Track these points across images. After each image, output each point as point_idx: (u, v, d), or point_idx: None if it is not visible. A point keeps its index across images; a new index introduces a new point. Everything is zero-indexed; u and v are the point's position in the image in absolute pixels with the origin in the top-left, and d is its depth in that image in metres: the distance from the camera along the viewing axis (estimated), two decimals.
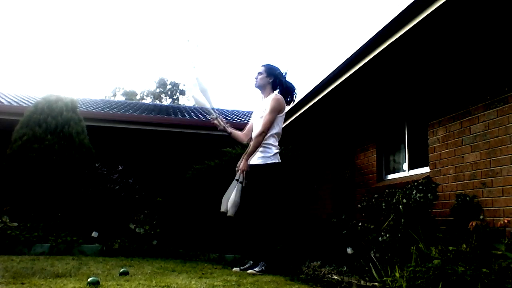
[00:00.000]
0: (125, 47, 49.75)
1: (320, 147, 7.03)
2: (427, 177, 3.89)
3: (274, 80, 3.79)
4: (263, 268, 3.39)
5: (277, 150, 3.66)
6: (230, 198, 3.46)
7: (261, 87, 3.82)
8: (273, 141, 3.66)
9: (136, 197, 5.89)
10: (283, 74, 3.84)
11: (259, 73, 3.81)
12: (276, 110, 3.63)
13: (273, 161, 3.60)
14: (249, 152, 3.59)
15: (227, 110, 11.66)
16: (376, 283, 2.57)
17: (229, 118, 8.89)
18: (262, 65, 3.84)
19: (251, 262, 3.56)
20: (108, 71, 51.18)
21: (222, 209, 3.48)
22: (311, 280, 2.97)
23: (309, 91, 5.24)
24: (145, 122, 7.68)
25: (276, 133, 3.67)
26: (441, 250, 2.65)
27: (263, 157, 3.64)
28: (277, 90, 3.80)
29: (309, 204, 6.39)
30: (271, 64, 3.85)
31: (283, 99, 3.72)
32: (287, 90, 3.81)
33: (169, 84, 32.58)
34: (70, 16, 48.72)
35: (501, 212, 3.18)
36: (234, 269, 3.56)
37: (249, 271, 3.36)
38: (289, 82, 3.85)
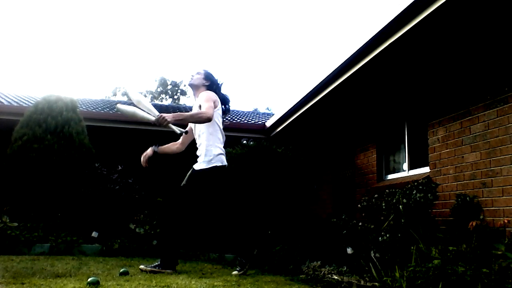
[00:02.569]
0: (125, 47, 49.78)
1: (320, 147, 7.03)
2: (427, 177, 3.89)
3: (210, 85, 3.71)
4: (244, 267, 3.29)
5: (221, 151, 3.50)
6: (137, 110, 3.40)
7: (194, 86, 3.71)
8: (215, 141, 3.51)
9: (136, 197, 5.89)
10: (219, 84, 3.78)
11: (198, 73, 3.74)
12: (210, 99, 3.46)
13: (215, 164, 3.44)
14: (183, 114, 3.43)
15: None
16: (376, 283, 2.57)
17: (229, 118, 8.88)
18: (203, 69, 3.80)
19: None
20: (108, 71, 51.20)
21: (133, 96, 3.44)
22: (311, 280, 2.97)
23: (309, 91, 5.24)
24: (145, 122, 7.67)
25: (215, 131, 3.53)
26: (441, 250, 2.65)
27: (204, 161, 3.50)
28: None
29: (309, 204, 6.39)
30: (211, 72, 3.80)
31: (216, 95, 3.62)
32: (221, 100, 3.71)
33: (170, 84, 32.58)
34: (70, 16, 48.75)
35: (501, 212, 3.18)
36: (233, 273, 3.43)
37: (233, 273, 3.30)
38: (223, 94, 3.79)
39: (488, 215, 3.27)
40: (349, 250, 3.92)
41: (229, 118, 8.88)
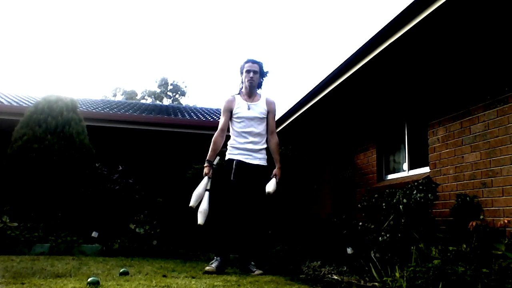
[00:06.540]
0: (125, 47, 49.79)
1: (320, 147, 7.03)
2: (427, 177, 3.88)
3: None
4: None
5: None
6: (203, 208, 3.48)
7: (256, 87, 3.81)
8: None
9: (136, 197, 5.89)
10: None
11: (255, 72, 3.75)
12: None
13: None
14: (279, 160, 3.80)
15: None
16: (376, 283, 2.57)
17: None
18: (256, 62, 3.78)
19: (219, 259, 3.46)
20: (108, 71, 51.22)
21: (200, 221, 3.48)
22: (311, 280, 2.96)
23: (309, 91, 5.24)
24: (145, 122, 7.68)
25: None
26: (441, 250, 2.66)
27: (264, 158, 3.74)
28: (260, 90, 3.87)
29: (309, 204, 6.39)
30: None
31: None
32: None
33: (170, 85, 32.57)
34: (70, 16, 48.75)
35: (501, 212, 3.18)
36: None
37: (256, 272, 3.38)
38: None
39: (488, 215, 3.27)
40: (349, 250, 3.93)
41: None
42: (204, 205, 3.47)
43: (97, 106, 9.18)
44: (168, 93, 32.64)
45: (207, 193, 3.53)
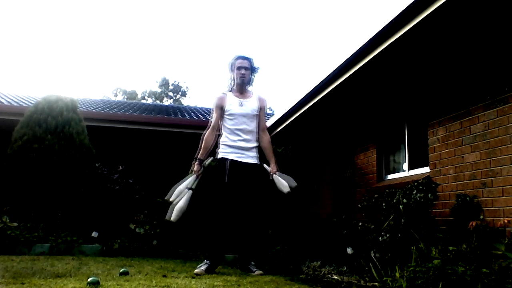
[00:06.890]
0: (125, 47, 49.80)
1: (320, 147, 7.03)
2: (427, 177, 3.88)
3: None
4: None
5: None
6: (180, 206, 3.40)
7: (248, 83, 3.79)
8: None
9: (136, 197, 5.89)
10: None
11: (246, 68, 3.73)
12: None
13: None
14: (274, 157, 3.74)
15: None
16: (376, 283, 2.57)
17: None
18: (246, 58, 3.76)
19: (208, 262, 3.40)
20: (109, 71, 51.24)
21: (173, 217, 3.40)
22: (311, 280, 2.97)
23: (309, 91, 5.23)
24: (145, 122, 7.68)
25: None
26: (441, 250, 2.66)
27: (256, 157, 3.69)
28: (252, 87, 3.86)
29: (309, 204, 6.39)
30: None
31: None
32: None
33: (171, 85, 32.59)
34: (70, 16, 48.76)
35: (501, 212, 3.18)
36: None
37: (256, 272, 3.37)
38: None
39: (488, 215, 3.27)
40: (349, 250, 3.93)
41: None
42: (181, 203, 3.39)
43: (97, 106, 9.18)
44: (169, 93, 32.65)
45: (190, 191, 3.46)
